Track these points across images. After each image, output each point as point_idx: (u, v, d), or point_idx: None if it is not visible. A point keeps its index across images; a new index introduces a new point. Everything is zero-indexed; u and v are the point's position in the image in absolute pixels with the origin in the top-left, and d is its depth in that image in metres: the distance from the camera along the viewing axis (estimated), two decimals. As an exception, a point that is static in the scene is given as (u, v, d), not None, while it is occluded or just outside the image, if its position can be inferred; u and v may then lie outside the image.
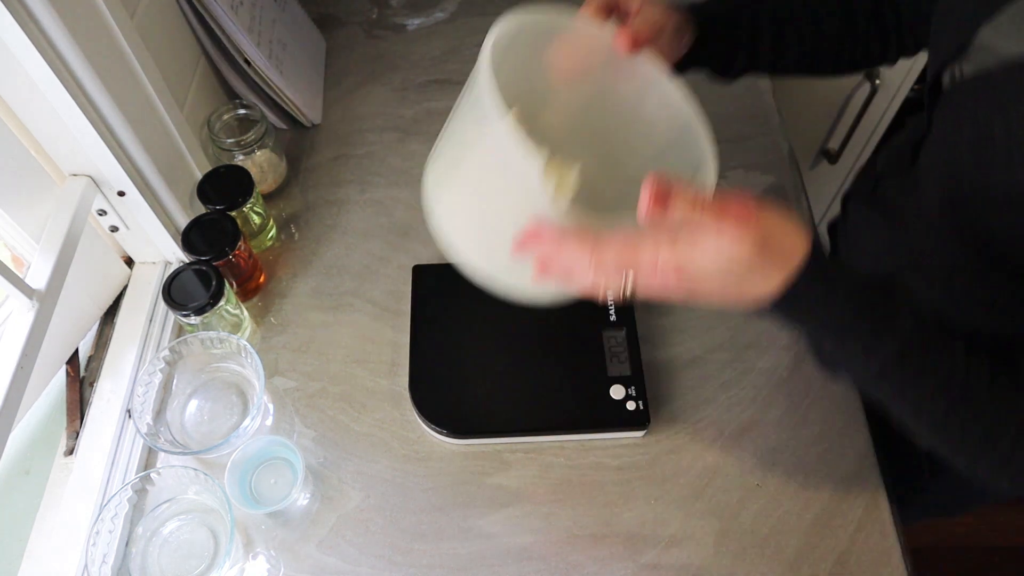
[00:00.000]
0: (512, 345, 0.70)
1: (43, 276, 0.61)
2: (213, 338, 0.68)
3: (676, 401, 0.70)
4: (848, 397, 0.71)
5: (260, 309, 0.77)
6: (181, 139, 0.73)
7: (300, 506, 0.65)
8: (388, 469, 0.67)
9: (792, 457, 0.67)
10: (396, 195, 0.86)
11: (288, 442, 0.65)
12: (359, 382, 0.72)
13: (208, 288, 0.66)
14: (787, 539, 0.63)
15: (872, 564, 0.62)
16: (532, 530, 0.64)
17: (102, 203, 0.70)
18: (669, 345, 0.74)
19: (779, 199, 0.86)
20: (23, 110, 0.61)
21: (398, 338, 0.74)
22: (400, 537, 0.64)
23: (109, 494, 0.65)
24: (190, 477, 0.62)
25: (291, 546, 0.63)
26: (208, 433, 0.68)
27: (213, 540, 0.63)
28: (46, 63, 0.55)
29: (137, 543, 0.63)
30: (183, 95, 0.77)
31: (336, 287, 0.78)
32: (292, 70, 0.88)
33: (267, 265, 0.80)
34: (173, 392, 0.69)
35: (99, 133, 0.62)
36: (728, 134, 0.92)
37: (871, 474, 0.66)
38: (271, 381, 0.72)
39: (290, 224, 0.84)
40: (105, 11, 0.59)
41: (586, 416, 0.67)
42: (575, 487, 0.66)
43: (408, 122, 0.93)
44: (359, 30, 1.03)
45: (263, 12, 0.85)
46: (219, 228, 0.70)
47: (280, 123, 0.91)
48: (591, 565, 0.62)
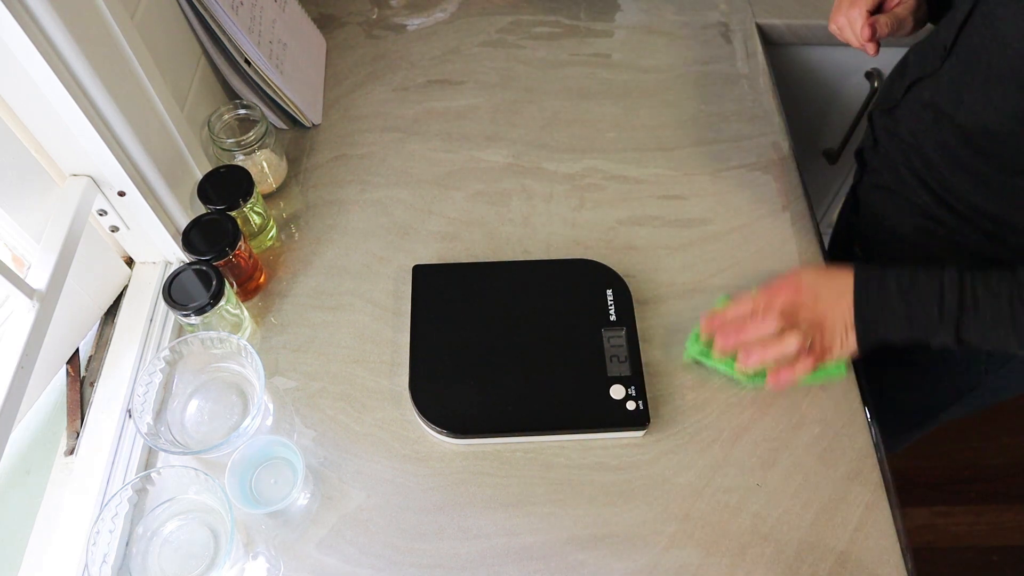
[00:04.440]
0: (512, 345, 0.70)
1: (44, 276, 0.61)
2: (213, 338, 0.68)
3: (676, 401, 0.70)
4: (848, 397, 0.71)
5: (260, 309, 0.77)
6: (181, 139, 0.73)
7: (300, 506, 0.65)
8: (388, 469, 0.67)
9: (792, 457, 0.68)
10: (396, 195, 0.86)
11: (288, 442, 0.65)
12: (359, 382, 0.72)
13: (208, 288, 0.66)
14: (787, 539, 0.63)
15: (872, 564, 0.62)
16: (532, 530, 0.64)
17: (102, 203, 0.70)
18: (669, 345, 0.74)
19: (780, 200, 0.86)
20: (23, 110, 0.61)
21: (398, 338, 0.74)
22: (400, 537, 0.64)
23: (109, 494, 0.65)
24: (190, 477, 0.62)
25: (291, 546, 0.63)
26: (208, 433, 0.68)
27: (213, 540, 0.63)
28: (46, 63, 0.55)
29: (137, 543, 0.63)
30: (183, 95, 0.77)
31: (336, 287, 0.78)
32: (292, 70, 0.88)
33: (267, 265, 0.80)
34: (173, 392, 0.69)
35: (99, 133, 0.62)
36: (729, 134, 0.92)
37: (871, 474, 0.66)
38: (271, 381, 0.72)
39: (290, 224, 0.84)
40: (105, 11, 0.59)
41: (586, 416, 0.67)
42: (575, 487, 0.66)
43: (408, 122, 0.93)
44: (359, 30, 1.03)
45: (263, 12, 0.85)
46: (219, 228, 0.70)
47: (280, 123, 0.91)
48: (591, 565, 0.62)
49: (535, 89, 0.96)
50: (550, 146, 0.91)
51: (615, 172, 0.88)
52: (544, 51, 1.01)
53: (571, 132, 0.92)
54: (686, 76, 0.98)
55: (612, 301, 0.73)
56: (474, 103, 0.95)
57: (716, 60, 1.00)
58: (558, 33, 1.03)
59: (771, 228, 0.83)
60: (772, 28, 1.07)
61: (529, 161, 0.89)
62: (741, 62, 1.00)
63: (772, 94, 0.96)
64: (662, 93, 0.96)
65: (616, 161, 0.89)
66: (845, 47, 0.76)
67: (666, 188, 0.87)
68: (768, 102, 0.95)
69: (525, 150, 0.90)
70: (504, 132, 0.92)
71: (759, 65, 1.00)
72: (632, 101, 0.95)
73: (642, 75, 0.98)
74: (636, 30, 1.04)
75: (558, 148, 0.90)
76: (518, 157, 0.89)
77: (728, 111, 0.94)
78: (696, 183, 0.87)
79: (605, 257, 0.78)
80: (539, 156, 0.90)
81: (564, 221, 0.83)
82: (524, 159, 0.89)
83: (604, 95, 0.96)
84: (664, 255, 0.81)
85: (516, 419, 0.67)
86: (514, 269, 0.76)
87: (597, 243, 0.81)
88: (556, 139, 0.91)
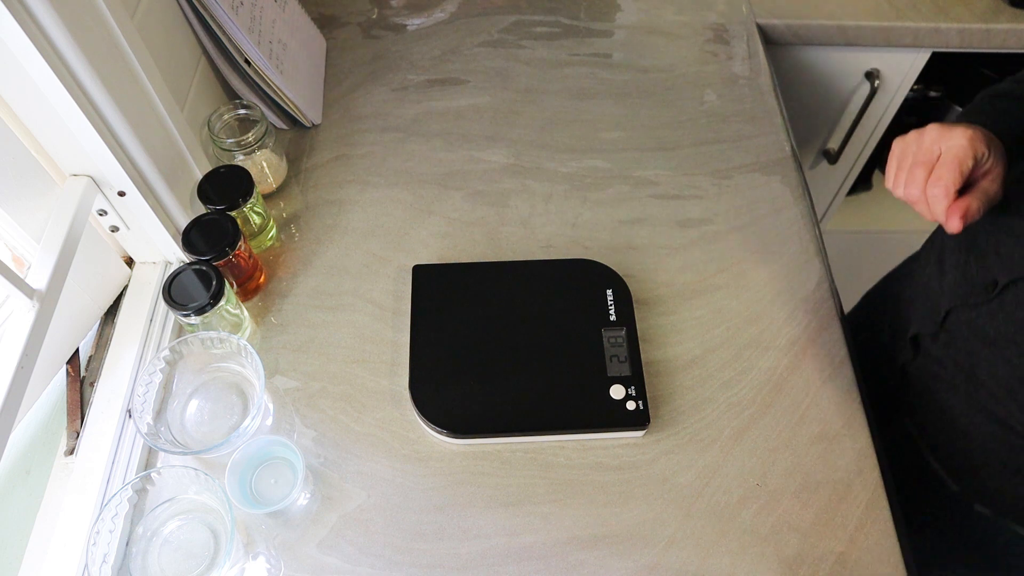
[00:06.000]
0: (512, 345, 0.70)
1: (44, 276, 0.61)
2: (213, 338, 0.68)
3: (676, 401, 0.70)
4: (848, 397, 0.71)
5: (260, 309, 0.77)
6: (181, 139, 0.73)
7: (300, 506, 0.65)
8: (388, 469, 0.67)
9: (792, 457, 0.68)
10: (396, 195, 0.86)
11: (288, 442, 0.65)
12: (359, 382, 0.72)
13: (208, 288, 0.66)
14: (787, 539, 0.63)
15: (872, 564, 0.62)
16: (532, 530, 0.64)
17: (102, 203, 0.70)
18: (669, 345, 0.74)
19: (780, 200, 0.86)
20: (23, 110, 0.61)
21: (398, 338, 0.74)
22: (400, 537, 0.64)
23: (109, 494, 0.65)
24: (190, 477, 0.62)
25: (291, 546, 0.63)
26: (208, 433, 0.68)
27: (213, 540, 0.63)
28: (46, 63, 0.55)
29: (137, 543, 0.63)
30: (183, 95, 0.77)
31: (336, 287, 0.78)
32: (292, 70, 0.88)
33: (267, 265, 0.80)
34: (173, 392, 0.69)
35: (99, 133, 0.62)
36: (729, 134, 0.92)
37: (871, 474, 0.66)
38: (271, 381, 0.72)
39: (290, 224, 0.84)
40: (105, 11, 0.59)
41: (586, 416, 0.67)
42: (575, 487, 0.66)
43: (408, 122, 0.93)
44: (359, 30, 1.03)
45: (263, 12, 0.85)
46: (219, 228, 0.70)
47: (280, 123, 0.91)
48: (591, 565, 0.62)
49: (535, 89, 0.96)
50: (550, 146, 0.91)
51: (615, 172, 0.88)
52: (544, 51, 1.01)
53: (571, 132, 0.92)
54: (686, 76, 0.98)
55: (612, 301, 0.73)
56: (474, 103, 0.95)
57: (716, 60, 1.00)
58: (558, 33, 1.03)
59: (771, 228, 0.83)
60: (772, 28, 1.07)
61: (529, 161, 0.89)
62: (741, 62, 1.00)
63: (772, 94, 0.96)
64: (662, 93, 0.96)
65: (616, 161, 0.89)
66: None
67: (666, 188, 0.87)
68: (768, 102, 0.95)
69: (525, 150, 0.90)
70: (504, 132, 0.92)
71: (759, 65, 1.00)
72: (632, 101, 0.95)
73: (642, 75, 0.98)
74: (636, 30, 1.04)
75: (558, 148, 0.90)
76: (518, 157, 0.89)
77: (728, 111, 0.94)
78: (696, 183, 0.87)
79: (605, 257, 0.78)
80: (539, 156, 0.90)
81: (564, 221, 0.83)
82: (524, 159, 0.89)
83: (604, 95, 0.96)
84: (664, 255, 0.81)
85: (516, 419, 0.67)
86: (514, 269, 0.76)
87: (597, 243, 0.82)
88: (556, 139, 0.91)
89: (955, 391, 0.69)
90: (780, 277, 0.79)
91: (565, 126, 0.93)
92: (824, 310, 0.77)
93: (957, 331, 0.67)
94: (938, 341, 0.70)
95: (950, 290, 0.68)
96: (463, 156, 0.89)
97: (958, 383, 0.68)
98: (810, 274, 0.79)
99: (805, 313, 0.76)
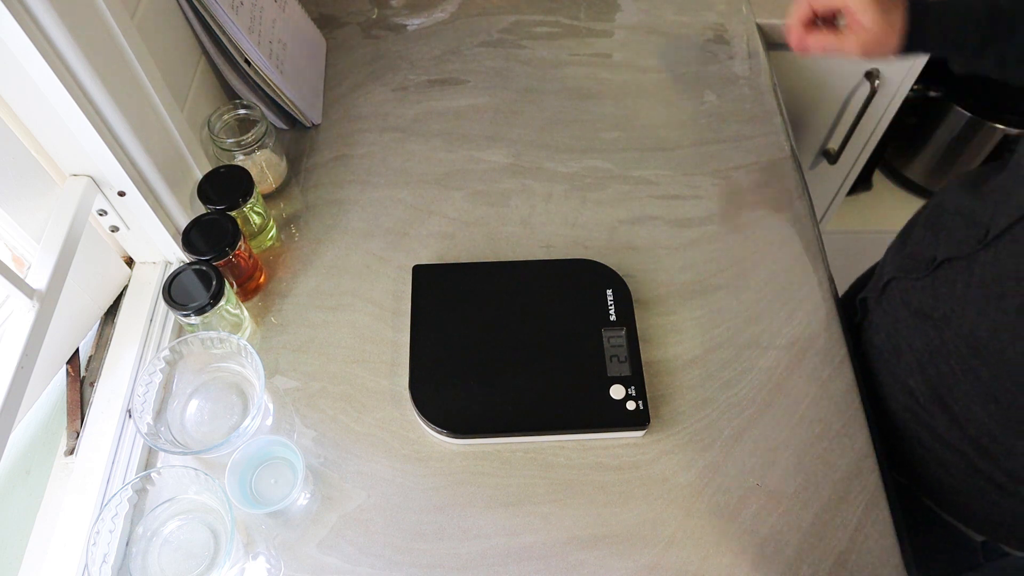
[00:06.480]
0: (512, 345, 0.70)
1: (43, 276, 0.61)
2: (213, 338, 0.68)
3: (676, 401, 0.70)
4: (848, 397, 0.71)
5: (260, 309, 0.77)
6: (181, 139, 0.73)
7: (300, 506, 0.65)
8: (388, 469, 0.67)
9: (792, 457, 0.68)
10: (396, 195, 0.86)
11: (288, 442, 0.65)
12: (359, 382, 0.72)
13: (208, 288, 0.66)
14: (787, 539, 0.63)
15: (872, 564, 0.62)
16: (532, 530, 0.64)
17: (102, 203, 0.70)
18: (669, 345, 0.74)
19: (780, 200, 0.86)
20: (23, 110, 0.61)
21: (398, 338, 0.74)
22: (400, 537, 0.64)
23: (109, 494, 0.65)
24: (190, 477, 0.62)
25: (291, 546, 0.63)
26: (208, 433, 0.68)
27: (213, 540, 0.63)
28: (46, 63, 0.55)
29: (137, 543, 0.63)
30: (183, 95, 0.77)
31: (336, 287, 0.78)
32: (292, 70, 0.88)
33: (267, 265, 0.80)
34: (173, 392, 0.69)
35: (99, 133, 0.62)
36: (729, 134, 0.92)
37: (871, 474, 0.66)
38: (271, 381, 0.72)
39: (290, 224, 0.84)
40: (105, 11, 0.59)
41: (586, 416, 0.67)
42: (575, 487, 0.66)
43: (408, 122, 0.93)
44: (359, 30, 1.03)
45: (263, 12, 0.85)
46: (219, 228, 0.70)
47: (280, 123, 0.91)
48: (591, 565, 0.62)
49: (535, 89, 0.96)
50: (550, 146, 0.91)
51: (615, 172, 0.88)
52: (544, 51, 1.01)
53: (571, 132, 0.92)
54: (686, 76, 0.98)
55: (612, 301, 0.73)
56: (474, 103, 0.95)
57: (716, 60, 1.00)
58: (558, 33, 1.03)
59: (771, 228, 0.83)
60: (772, 28, 1.07)
61: (529, 161, 0.89)
62: (741, 62, 1.00)
63: (772, 94, 0.96)
64: (662, 93, 0.96)
65: (616, 161, 0.89)
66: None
67: (666, 188, 0.87)
68: (768, 102, 0.95)
69: (525, 150, 0.90)
70: (504, 132, 0.92)
71: (759, 65, 1.00)
72: (632, 101, 0.95)
73: (642, 75, 0.98)
74: (636, 30, 1.04)
75: (558, 148, 0.90)
76: (518, 157, 0.89)
77: (728, 111, 0.94)
78: (696, 183, 0.87)
79: (605, 257, 0.78)
80: (539, 156, 0.90)
81: (564, 221, 0.83)
82: (524, 159, 0.89)
83: (604, 95, 0.96)
84: (664, 255, 0.81)
85: (516, 419, 0.67)
86: (514, 269, 0.76)
87: (597, 243, 0.82)
88: (556, 139, 0.91)
89: (882, 359, 0.74)
90: (780, 277, 0.79)
91: (565, 126, 0.93)
92: (824, 310, 0.77)
93: (891, 299, 0.72)
94: (880, 307, 0.74)
95: (899, 262, 0.72)
96: (463, 156, 0.89)
97: (885, 353, 0.72)
98: (810, 274, 0.79)
99: (805, 313, 0.76)
